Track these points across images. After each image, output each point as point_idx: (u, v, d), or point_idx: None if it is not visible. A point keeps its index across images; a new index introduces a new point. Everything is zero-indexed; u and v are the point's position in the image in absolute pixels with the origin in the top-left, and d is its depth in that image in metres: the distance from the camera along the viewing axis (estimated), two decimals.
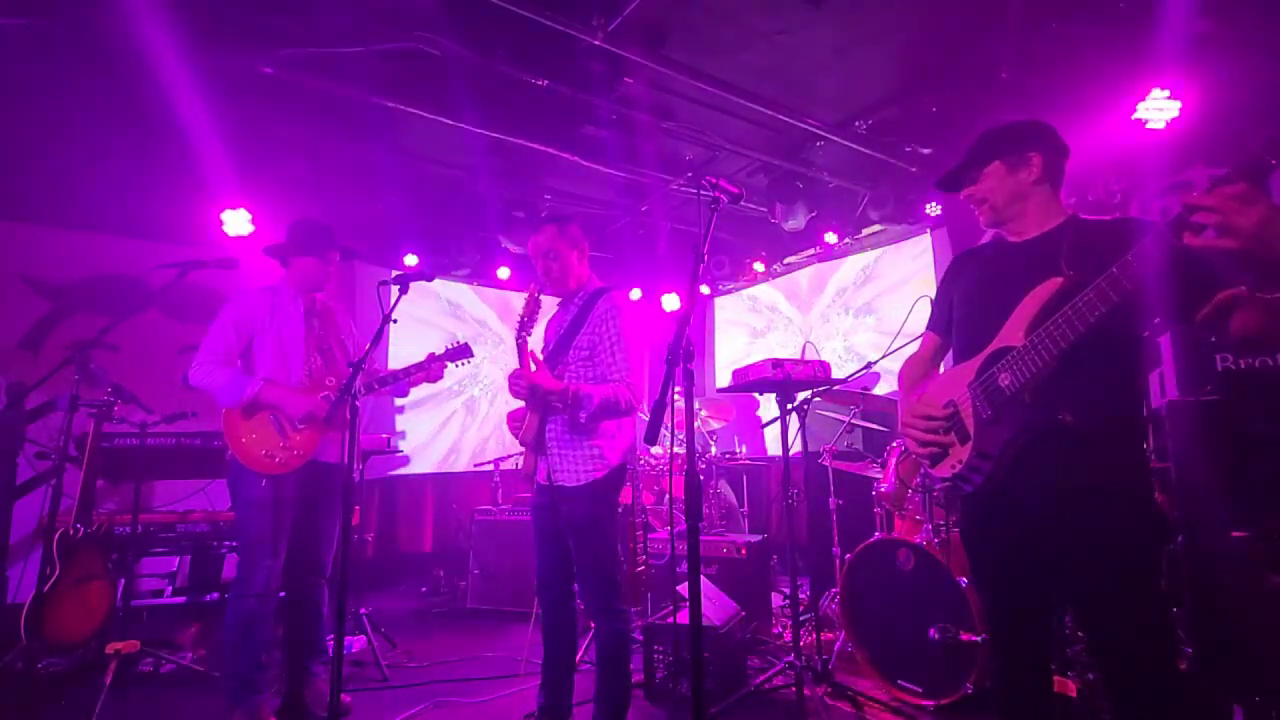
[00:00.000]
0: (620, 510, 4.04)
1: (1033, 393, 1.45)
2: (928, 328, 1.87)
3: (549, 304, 2.41)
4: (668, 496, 4.40)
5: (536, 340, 2.37)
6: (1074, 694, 2.36)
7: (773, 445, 5.68)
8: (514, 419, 2.38)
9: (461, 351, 2.75)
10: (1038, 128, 1.63)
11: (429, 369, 2.73)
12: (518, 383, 2.22)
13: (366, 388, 2.64)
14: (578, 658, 2.48)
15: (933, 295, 1.90)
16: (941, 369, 1.93)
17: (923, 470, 2.97)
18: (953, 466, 1.59)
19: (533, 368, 2.23)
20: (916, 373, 1.86)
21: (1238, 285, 1.29)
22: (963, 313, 1.71)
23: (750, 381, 2.98)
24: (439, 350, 2.77)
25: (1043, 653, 1.60)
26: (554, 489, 2.29)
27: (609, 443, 2.31)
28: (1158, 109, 3.42)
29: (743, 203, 3.21)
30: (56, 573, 3.00)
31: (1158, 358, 3.19)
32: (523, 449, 2.37)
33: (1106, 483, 1.42)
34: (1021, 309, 1.50)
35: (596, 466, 2.26)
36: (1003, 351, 1.50)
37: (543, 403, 2.27)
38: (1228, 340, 1.39)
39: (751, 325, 6.81)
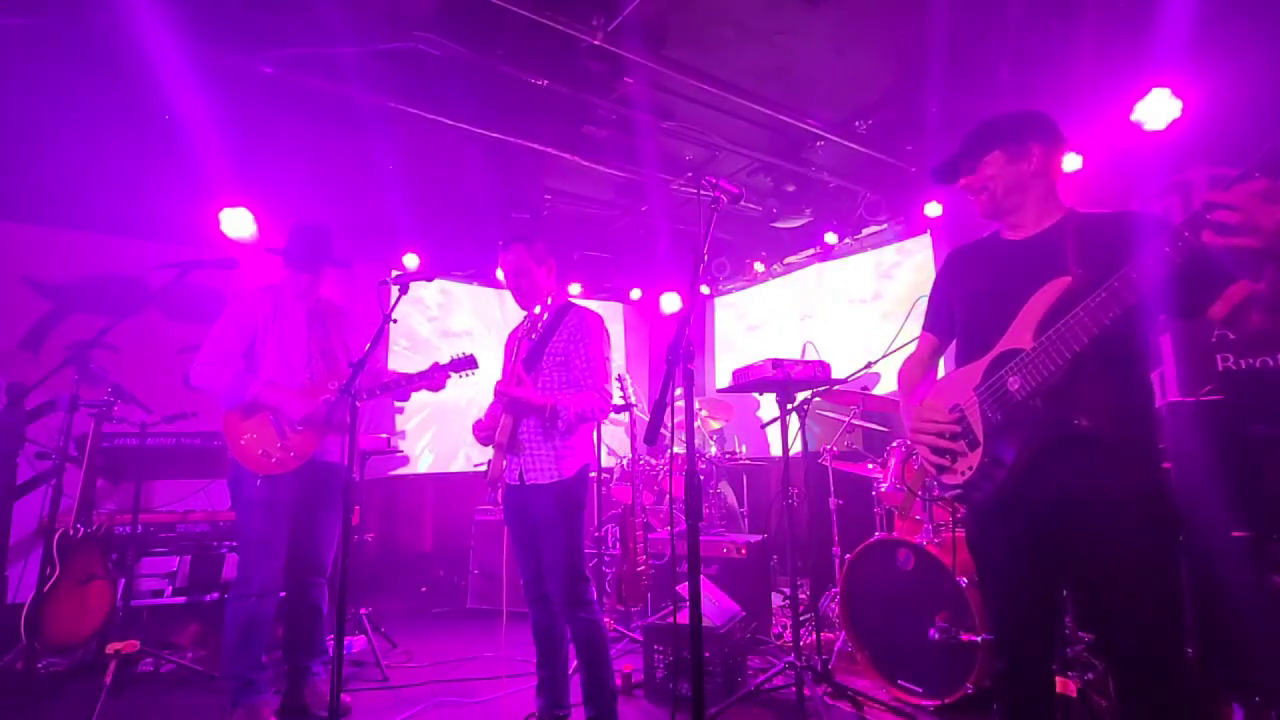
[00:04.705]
0: (621, 510, 4.05)
1: (1044, 397, 1.42)
2: (925, 328, 1.85)
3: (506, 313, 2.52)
4: (668, 496, 4.40)
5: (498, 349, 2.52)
6: (1074, 694, 2.36)
7: (773, 445, 5.67)
8: (480, 428, 2.43)
9: (466, 363, 2.70)
10: (1037, 118, 1.61)
11: (432, 378, 2.70)
12: (502, 397, 2.34)
13: (369, 393, 2.63)
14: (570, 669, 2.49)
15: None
16: (941, 369, 1.92)
17: (927, 476, 2.96)
18: (962, 473, 1.54)
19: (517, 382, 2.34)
20: (915, 374, 1.83)
21: (1244, 279, 1.28)
22: (965, 314, 1.68)
23: (750, 381, 2.98)
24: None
25: (1047, 655, 1.58)
26: (525, 489, 2.35)
27: (579, 441, 2.41)
28: (1158, 109, 3.41)
29: (743, 203, 3.21)
30: (56, 573, 3.00)
31: (1158, 358, 3.19)
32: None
33: (1122, 485, 1.39)
34: (1028, 310, 1.46)
35: (567, 465, 2.34)
36: (1010, 354, 1.47)
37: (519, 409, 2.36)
38: (1243, 334, 1.38)
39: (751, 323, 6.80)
